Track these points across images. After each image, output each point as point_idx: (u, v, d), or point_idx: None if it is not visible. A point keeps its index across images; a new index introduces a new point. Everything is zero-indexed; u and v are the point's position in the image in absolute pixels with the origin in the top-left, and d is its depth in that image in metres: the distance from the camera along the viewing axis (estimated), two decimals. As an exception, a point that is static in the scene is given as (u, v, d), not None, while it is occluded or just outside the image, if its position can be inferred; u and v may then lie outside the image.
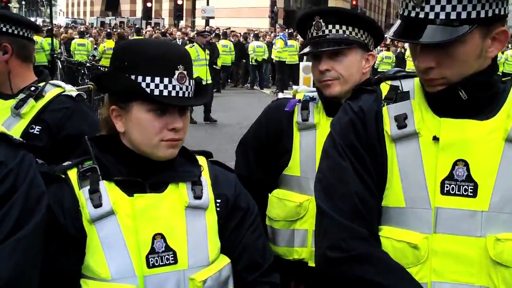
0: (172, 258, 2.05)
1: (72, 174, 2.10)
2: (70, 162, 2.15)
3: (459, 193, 1.94)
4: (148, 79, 2.03)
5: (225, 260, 2.16)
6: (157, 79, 2.03)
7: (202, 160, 2.26)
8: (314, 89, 3.07)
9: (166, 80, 2.03)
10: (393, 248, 1.98)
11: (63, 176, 2.11)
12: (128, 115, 2.08)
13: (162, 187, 2.13)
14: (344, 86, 2.88)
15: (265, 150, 3.11)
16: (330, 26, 2.89)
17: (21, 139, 2.06)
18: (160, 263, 2.04)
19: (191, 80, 2.10)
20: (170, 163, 2.14)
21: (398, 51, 24.12)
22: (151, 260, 2.03)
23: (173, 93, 2.04)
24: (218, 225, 2.17)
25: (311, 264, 2.87)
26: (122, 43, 2.25)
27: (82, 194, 2.05)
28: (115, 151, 2.13)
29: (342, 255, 1.97)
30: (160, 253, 2.04)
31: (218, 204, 2.19)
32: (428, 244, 1.95)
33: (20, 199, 1.90)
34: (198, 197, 2.13)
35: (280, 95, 3.25)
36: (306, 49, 2.98)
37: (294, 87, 3.29)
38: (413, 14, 1.89)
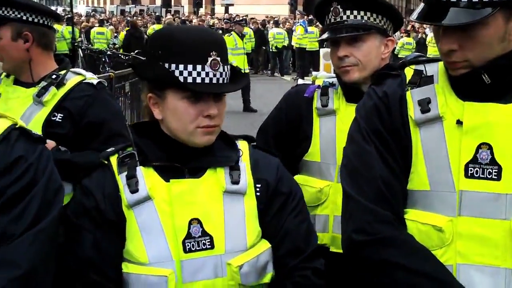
0: (209, 243, 2.06)
1: (114, 160, 2.14)
2: (114, 148, 2.18)
3: (483, 176, 1.94)
4: (181, 67, 2.04)
5: (264, 246, 2.15)
6: (189, 67, 2.03)
7: (243, 145, 2.26)
8: (334, 75, 3.07)
9: (199, 67, 2.04)
10: (418, 231, 1.99)
11: (106, 162, 2.15)
12: (164, 103, 2.10)
13: (201, 172, 2.13)
14: (363, 72, 2.88)
15: (285, 136, 3.11)
16: (348, 12, 2.88)
17: (39, 134, 2.08)
18: (197, 248, 2.05)
19: (225, 66, 2.10)
20: (209, 148, 2.15)
21: (419, 37, 23.93)
22: (188, 245, 2.04)
23: (207, 80, 2.05)
24: (258, 210, 2.17)
25: (333, 249, 2.88)
26: (157, 31, 2.24)
27: (121, 180, 2.08)
28: (155, 137, 2.15)
29: (367, 238, 1.99)
30: (197, 238, 2.05)
31: (258, 189, 2.18)
32: (452, 227, 1.95)
33: (40, 193, 1.93)
34: (235, 182, 2.14)
35: (300, 81, 3.25)
36: (325, 35, 2.98)
37: (314, 73, 3.29)
38: None
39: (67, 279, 2.07)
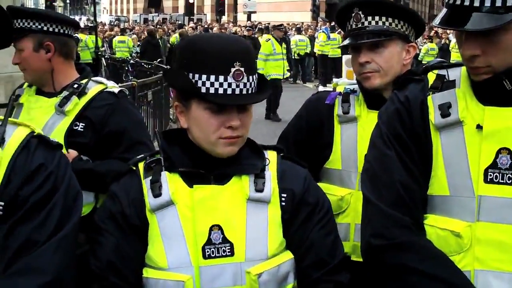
0: (229, 250, 2.05)
1: (141, 165, 2.16)
2: (143, 155, 2.21)
3: (502, 181, 1.92)
4: (204, 77, 2.02)
5: (287, 256, 2.13)
6: (212, 77, 2.02)
7: (271, 155, 2.24)
8: (355, 81, 3.05)
9: (221, 78, 2.02)
10: (437, 236, 1.98)
11: (134, 168, 2.17)
12: (188, 112, 2.10)
13: (226, 179, 2.13)
14: (384, 78, 2.86)
15: (306, 143, 3.09)
16: (369, 18, 2.87)
17: (57, 141, 2.11)
18: (217, 255, 2.04)
19: (251, 76, 2.07)
20: (235, 156, 2.14)
21: (442, 43, 23.77)
22: (207, 251, 2.03)
23: (229, 91, 2.03)
24: (283, 220, 2.14)
25: (354, 258, 2.86)
26: (183, 40, 2.22)
27: (145, 184, 2.09)
28: (183, 144, 2.15)
29: (385, 242, 1.99)
30: (217, 245, 2.04)
31: (283, 198, 2.16)
32: (471, 232, 1.93)
33: (61, 199, 1.97)
34: (259, 190, 2.12)
35: (321, 88, 3.24)
36: (346, 41, 2.96)
37: (335, 79, 3.27)
38: (458, 1, 1.87)
39: (86, 279, 2.09)
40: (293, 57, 25.70)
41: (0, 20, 2.06)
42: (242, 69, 2.03)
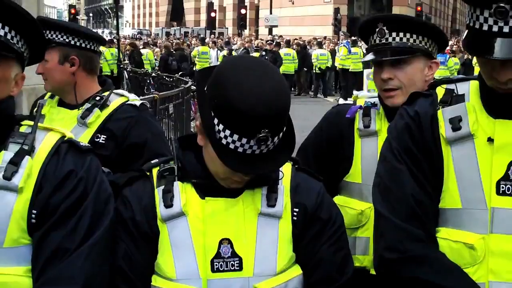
0: (237, 265, 2.05)
1: (155, 172, 2.15)
2: (157, 161, 2.20)
3: None
4: (227, 132, 1.95)
5: (295, 272, 2.12)
6: (235, 136, 1.94)
7: (286, 167, 2.19)
8: (375, 94, 3.04)
9: (244, 140, 1.94)
10: (450, 249, 2.00)
11: (148, 174, 2.16)
12: (206, 142, 2.05)
13: (238, 191, 2.11)
14: (407, 95, 2.79)
15: (325, 155, 3.09)
16: (394, 34, 2.86)
17: (87, 144, 2.13)
18: (225, 268, 2.04)
19: (276, 137, 1.99)
20: None
21: (465, 58, 23.61)
22: (216, 265, 2.04)
23: (248, 151, 1.97)
24: (293, 235, 2.13)
25: (373, 272, 2.83)
26: (219, 73, 2.01)
27: (157, 194, 2.10)
28: (198, 151, 2.13)
29: (399, 256, 2.01)
30: (226, 259, 2.04)
31: (295, 213, 2.14)
32: (484, 245, 1.95)
33: (91, 205, 1.99)
34: (271, 205, 2.10)
35: (341, 101, 3.23)
36: (369, 57, 2.96)
37: (355, 92, 3.27)
38: (485, 27, 1.85)
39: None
40: (314, 71, 25.71)
41: (34, 35, 2.05)
42: (269, 134, 1.95)
